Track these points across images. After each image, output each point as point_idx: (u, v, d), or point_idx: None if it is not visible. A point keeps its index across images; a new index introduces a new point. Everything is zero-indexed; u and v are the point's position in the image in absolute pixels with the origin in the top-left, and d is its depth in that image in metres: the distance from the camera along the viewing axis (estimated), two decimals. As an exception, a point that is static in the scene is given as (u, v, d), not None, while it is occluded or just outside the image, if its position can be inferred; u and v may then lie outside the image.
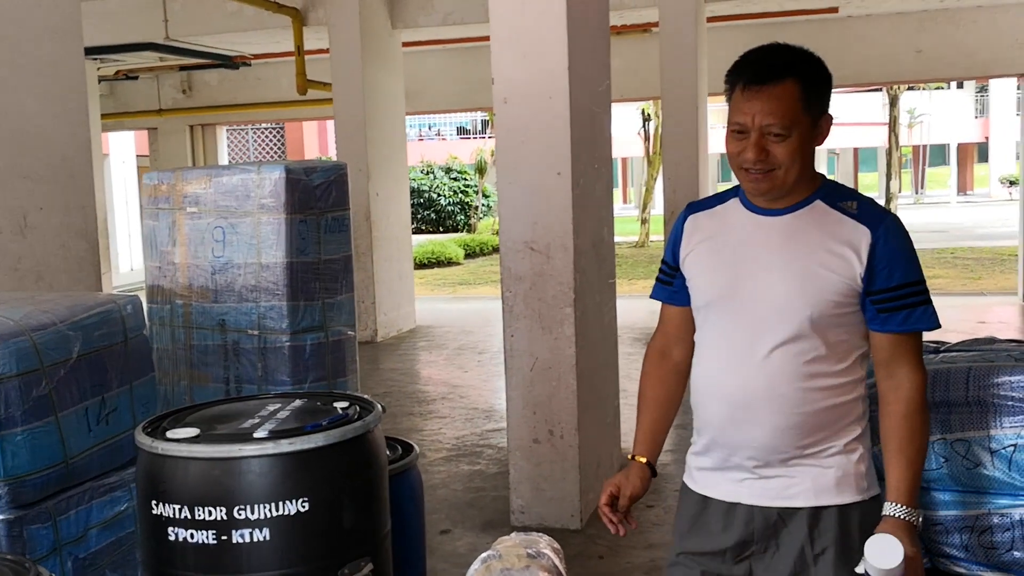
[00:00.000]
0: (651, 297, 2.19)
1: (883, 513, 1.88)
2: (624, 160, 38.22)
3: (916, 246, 1.96)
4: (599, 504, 2.10)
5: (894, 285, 1.88)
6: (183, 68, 14.07)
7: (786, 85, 1.85)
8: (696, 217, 2.07)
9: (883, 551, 1.77)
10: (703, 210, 2.07)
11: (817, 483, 1.93)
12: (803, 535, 1.94)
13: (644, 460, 2.12)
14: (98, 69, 12.80)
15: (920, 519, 1.88)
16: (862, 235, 1.87)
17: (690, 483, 2.10)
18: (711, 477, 2.04)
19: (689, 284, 2.05)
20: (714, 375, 2.00)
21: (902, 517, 1.85)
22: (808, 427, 1.91)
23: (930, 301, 1.92)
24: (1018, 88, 13.13)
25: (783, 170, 1.87)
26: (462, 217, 27.26)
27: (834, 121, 1.97)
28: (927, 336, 2.01)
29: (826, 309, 1.87)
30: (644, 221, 22.69)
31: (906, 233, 1.92)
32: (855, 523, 1.92)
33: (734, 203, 2.02)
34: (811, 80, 1.89)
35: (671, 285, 2.12)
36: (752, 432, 1.94)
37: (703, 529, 2.04)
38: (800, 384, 1.89)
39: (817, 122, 1.90)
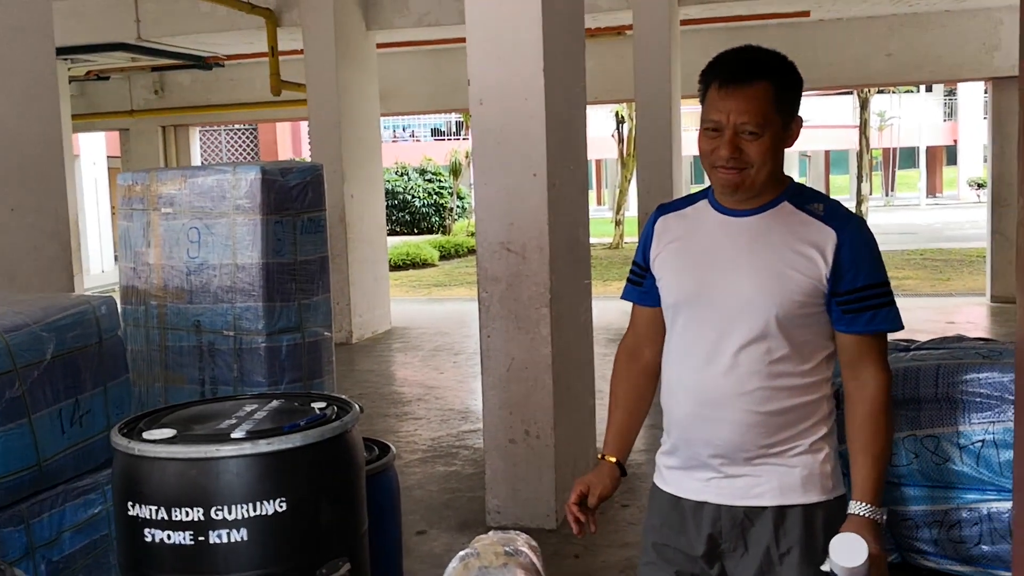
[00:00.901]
0: (622, 298, 2.22)
1: (848, 512, 1.91)
2: (598, 162, 38.33)
3: (886, 248, 2.00)
4: (568, 503, 2.11)
5: (859, 287, 1.91)
6: (155, 69, 13.95)
7: (760, 86, 1.89)
8: (666, 218, 2.10)
9: (847, 550, 1.78)
10: (673, 211, 2.10)
11: (782, 482, 1.96)
12: (768, 535, 1.96)
13: (614, 459, 2.14)
14: (69, 69, 12.67)
15: (884, 518, 1.91)
16: (828, 237, 1.90)
17: (660, 483, 2.12)
18: (679, 476, 2.06)
19: (659, 284, 2.08)
20: (680, 374, 2.03)
21: (867, 516, 1.88)
22: (773, 426, 1.93)
23: (894, 302, 1.94)
24: (985, 92, 13.33)
25: (755, 169, 1.91)
26: (437, 219, 27.23)
27: (805, 124, 2.03)
28: (898, 335, 2.05)
29: (792, 309, 1.90)
30: (618, 223, 22.76)
31: (871, 236, 1.96)
32: (820, 523, 1.94)
33: (703, 204, 2.05)
34: (783, 83, 1.93)
35: (641, 286, 2.15)
36: (717, 430, 1.96)
37: (674, 527, 2.06)
38: (766, 383, 1.92)
39: (788, 124, 1.95)
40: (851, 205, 18.73)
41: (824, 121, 36.74)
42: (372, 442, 3.08)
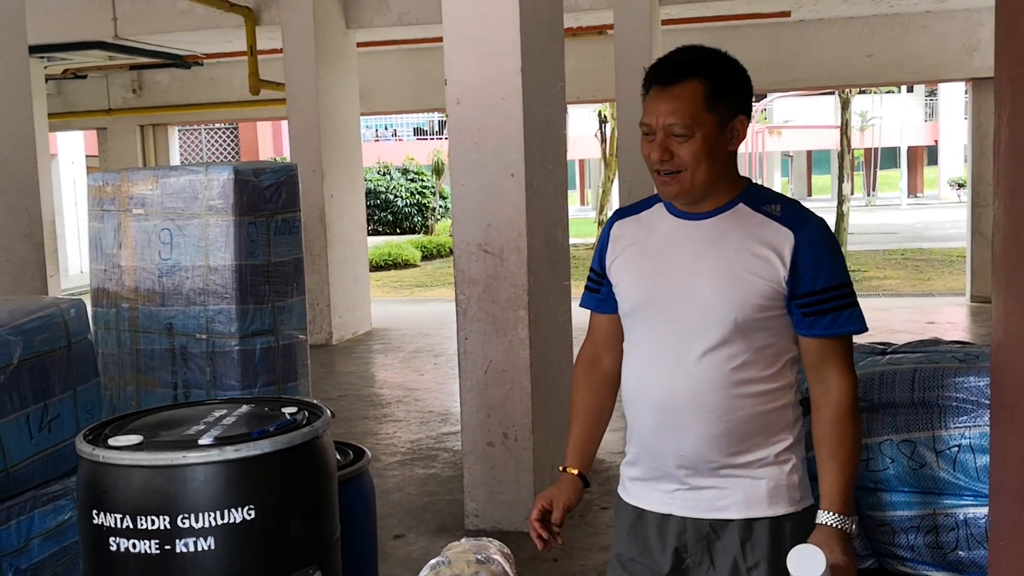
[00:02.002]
0: (580, 305, 2.17)
1: (816, 521, 1.86)
2: (581, 162, 38.39)
3: (867, 248, 1.98)
4: (530, 518, 2.05)
5: (819, 288, 1.85)
6: (133, 67, 13.83)
7: (689, 85, 1.84)
8: (622, 223, 2.05)
9: (805, 562, 1.72)
10: (629, 215, 2.05)
11: (748, 495, 1.90)
12: (735, 549, 1.91)
13: (576, 471, 2.08)
14: (45, 68, 12.53)
15: (854, 526, 1.86)
16: (785, 238, 1.85)
17: (623, 494, 2.06)
18: (642, 488, 2.01)
19: (615, 290, 2.03)
20: (641, 382, 1.97)
21: (834, 525, 1.83)
22: (737, 435, 1.88)
23: (857, 304, 1.89)
24: (966, 92, 13.38)
25: (689, 172, 1.86)
26: (419, 219, 27.17)
27: (788, 124, 1.99)
28: (876, 337, 2.02)
29: (751, 313, 1.85)
30: (601, 223, 22.78)
31: (831, 235, 1.91)
32: (788, 535, 1.88)
33: (659, 208, 2.00)
34: (718, 80, 1.87)
35: (598, 292, 2.09)
36: (680, 440, 1.90)
37: (639, 541, 2.01)
38: (727, 391, 1.87)
39: (726, 123, 1.88)
40: (832, 205, 18.81)
41: (806, 121, 36.93)
42: (347, 446, 3.04)
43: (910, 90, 38.46)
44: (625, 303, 2.00)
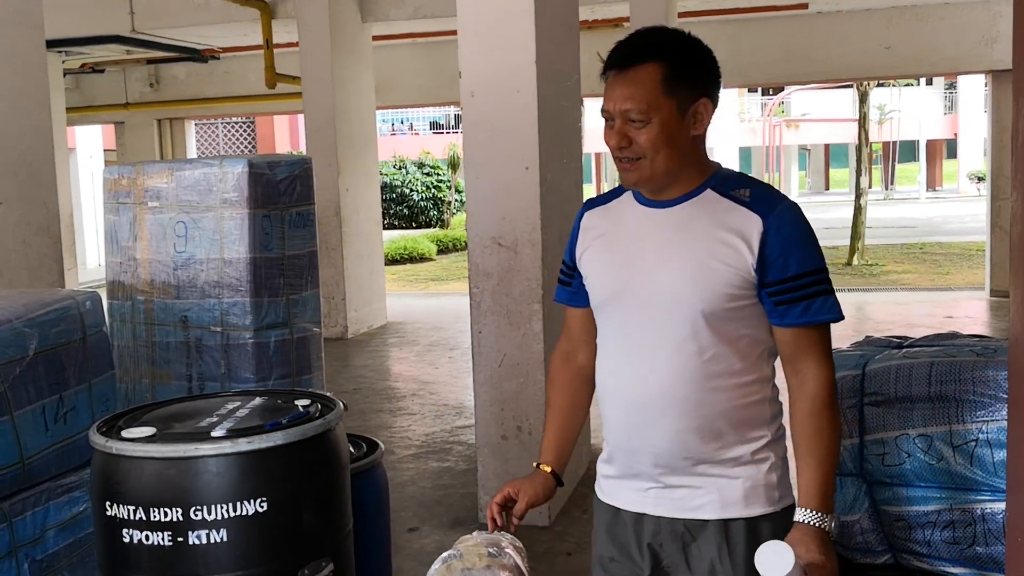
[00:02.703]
0: (554, 300, 2.11)
1: (794, 519, 1.79)
2: (597, 155, 38.27)
3: (886, 241, 1.92)
4: (492, 500, 1.98)
5: (790, 276, 1.76)
6: (150, 61, 13.90)
7: (646, 68, 1.76)
8: (591, 213, 1.98)
9: (773, 559, 1.65)
10: (598, 206, 1.98)
11: (724, 495, 1.83)
12: (713, 551, 1.84)
13: (549, 469, 2.02)
14: (63, 62, 12.62)
15: (833, 524, 1.79)
16: (753, 223, 1.76)
17: (599, 493, 2.01)
18: (617, 486, 1.94)
19: (585, 283, 1.96)
20: (611, 377, 1.91)
21: (811, 523, 1.76)
22: (711, 431, 1.81)
23: (831, 292, 1.80)
24: (986, 85, 13.23)
25: (648, 159, 1.78)
26: (435, 212, 27.18)
27: (805, 117, 1.93)
28: (893, 331, 1.99)
29: (719, 303, 1.77)
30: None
31: (802, 219, 1.81)
32: (766, 537, 1.77)
33: (627, 197, 1.92)
34: (677, 62, 1.77)
35: (570, 286, 2.03)
36: (651, 437, 1.84)
37: (617, 542, 1.95)
38: (699, 385, 1.79)
39: (687, 108, 1.78)
40: (850, 199, 18.69)
41: (823, 115, 36.71)
42: (361, 439, 3.04)
43: (929, 83, 38.17)
44: (594, 296, 1.94)
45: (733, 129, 36.37)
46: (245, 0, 9.90)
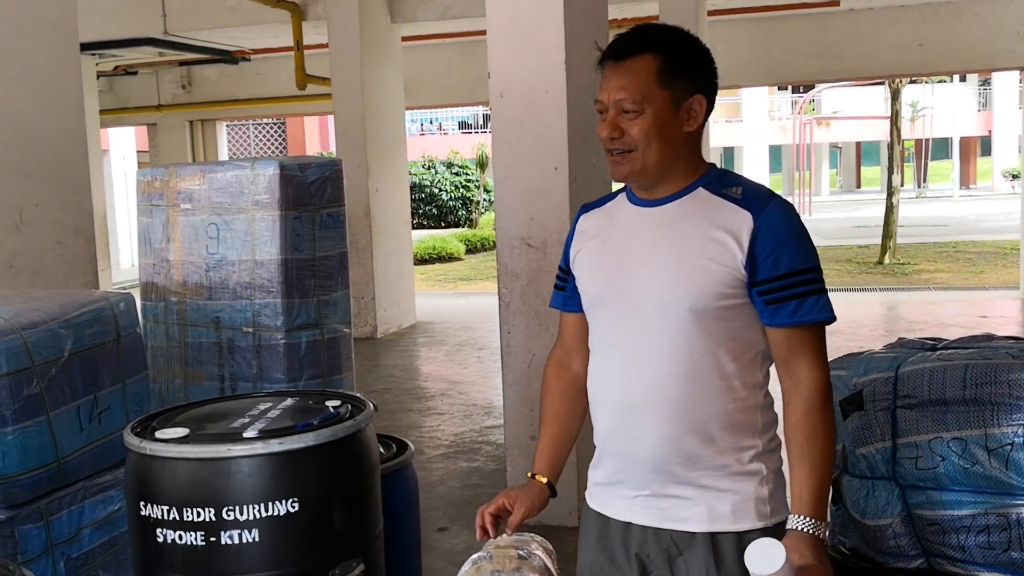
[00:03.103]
0: (550, 306, 2.07)
1: (786, 526, 1.72)
2: (626, 154, 38.15)
3: (918, 240, 1.87)
4: (484, 509, 1.93)
5: (780, 274, 1.71)
6: (182, 63, 14.04)
7: (641, 59, 1.74)
8: (587, 216, 1.95)
9: (763, 556, 1.60)
10: (595, 208, 1.96)
11: (712, 507, 1.76)
12: (701, 566, 1.77)
13: (545, 480, 1.98)
14: (96, 64, 12.77)
15: (827, 532, 1.71)
16: (743, 220, 1.72)
17: (589, 500, 1.96)
18: (605, 493, 1.90)
19: (578, 285, 1.92)
20: (600, 380, 1.87)
21: (805, 530, 1.69)
22: (699, 438, 1.75)
23: (823, 291, 1.75)
24: (1020, 82, 13.04)
25: (640, 152, 1.75)
26: (464, 212, 27.23)
27: (836, 115, 1.89)
28: (926, 331, 1.96)
29: (709, 301, 1.72)
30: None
31: (794, 217, 1.76)
32: None
33: (621, 197, 1.90)
34: (673, 55, 1.75)
35: (564, 290, 1.99)
36: (638, 442, 1.78)
37: (606, 551, 1.90)
38: (689, 387, 1.74)
39: (681, 102, 1.76)
40: (882, 197, 18.49)
41: (855, 112, 36.36)
42: (390, 439, 3.05)
43: (963, 79, 37.68)
44: (585, 297, 1.90)
45: (763, 127, 36.13)
46: (276, 2, 9.98)
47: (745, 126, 35.90)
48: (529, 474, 2.02)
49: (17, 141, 4.16)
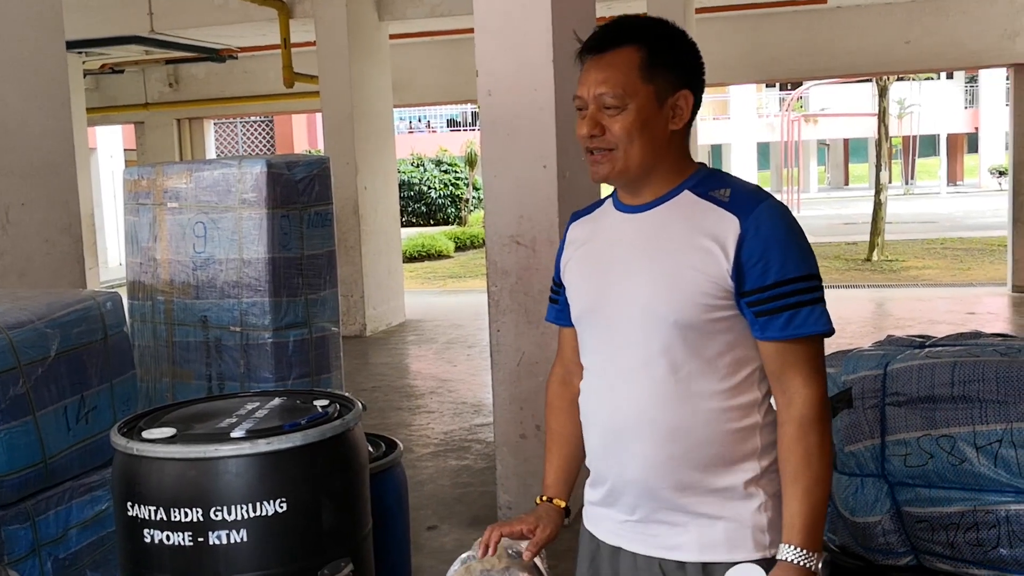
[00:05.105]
0: (545, 320, 1.97)
1: (776, 556, 1.59)
2: (615, 152, 38.21)
3: (906, 237, 1.79)
4: (501, 528, 1.83)
5: (770, 283, 1.57)
6: (169, 61, 13.98)
7: (623, 51, 1.63)
8: (576, 225, 1.84)
9: None
10: (584, 216, 1.84)
11: (704, 535, 1.64)
12: None
13: (563, 504, 1.89)
14: (83, 63, 12.70)
15: (820, 564, 1.58)
16: (729, 225, 1.58)
17: (584, 519, 1.86)
18: (598, 515, 1.80)
19: (567, 297, 1.81)
20: (589, 399, 1.76)
21: (793, 561, 1.56)
22: (689, 461, 1.63)
23: (819, 301, 1.60)
24: (1007, 79, 13.11)
25: (621, 150, 1.64)
26: (453, 210, 27.21)
27: (824, 112, 1.84)
28: (915, 328, 1.95)
29: (695, 314, 1.59)
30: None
31: (786, 220, 1.61)
32: None
33: (607, 204, 1.78)
34: (656, 48, 1.64)
35: (558, 303, 1.87)
36: (624, 464, 1.67)
37: (598, 574, 1.81)
38: (675, 407, 1.62)
39: (665, 97, 1.64)
40: (870, 194, 18.57)
41: (842, 109, 36.47)
42: (379, 438, 3.05)
43: (950, 76, 37.85)
44: (572, 310, 1.79)
45: (752, 125, 36.21)
46: (263, 0, 9.94)
47: (733, 123, 35.99)
48: (545, 498, 1.91)
49: (3, 140, 4.13)
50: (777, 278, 1.58)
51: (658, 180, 1.68)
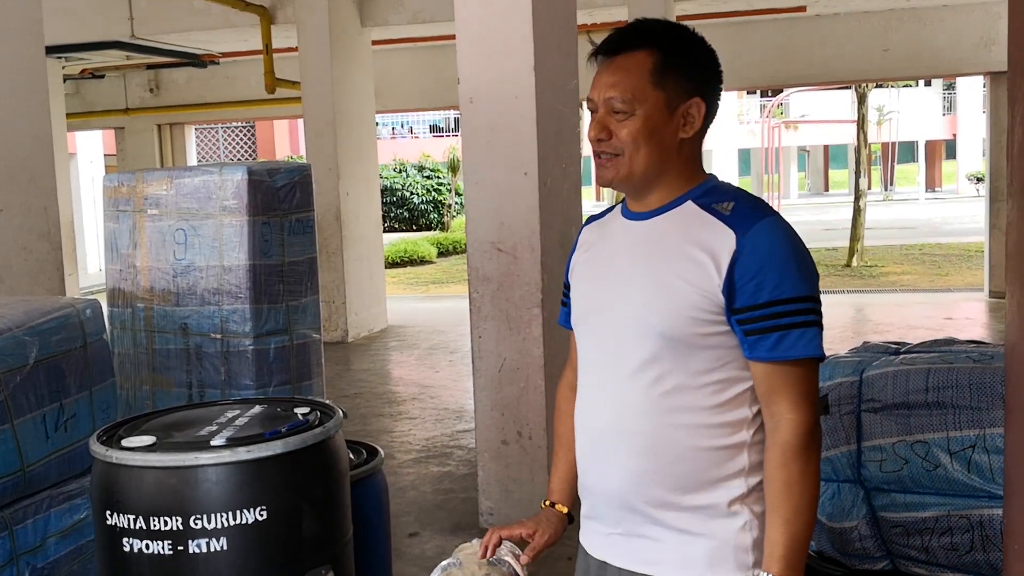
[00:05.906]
0: (557, 323, 1.95)
1: None
2: (597, 158, 38.27)
3: (886, 242, 1.76)
4: (501, 531, 1.82)
5: (762, 302, 1.53)
6: (150, 67, 13.92)
7: (636, 55, 1.61)
8: (589, 229, 1.83)
9: None
10: (596, 220, 1.83)
11: (684, 552, 1.60)
12: None
13: (566, 510, 1.87)
14: (63, 68, 12.62)
15: None
16: (725, 240, 1.55)
17: (580, 531, 1.84)
18: (586, 527, 1.78)
19: (571, 299, 1.80)
20: (580, 406, 1.75)
21: None
22: (670, 475, 1.59)
23: (813, 324, 1.55)
24: (984, 86, 13.27)
25: (627, 156, 1.61)
26: (435, 215, 27.20)
27: (804, 119, 1.82)
28: (892, 333, 1.97)
29: (683, 328, 1.56)
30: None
31: (787, 239, 1.57)
32: None
33: (617, 210, 1.76)
34: (670, 53, 1.61)
35: (567, 307, 1.85)
36: (606, 475, 1.66)
37: None
38: (656, 419, 1.59)
39: (676, 104, 1.61)
40: (850, 200, 18.70)
41: (822, 116, 36.72)
42: (361, 445, 3.04)
43: (928, 84, 38.18)
44: (572, 313, 1.78)
45: (732, 131, 36.38)
46: (245, 5, 9.92)
47: (714, 130, 36.02)
48: (548, 503, 1.90)
49: (-20, 146, 4.11)
50: (770, 297, 1.54)
51: (664, 188, 1.65)
